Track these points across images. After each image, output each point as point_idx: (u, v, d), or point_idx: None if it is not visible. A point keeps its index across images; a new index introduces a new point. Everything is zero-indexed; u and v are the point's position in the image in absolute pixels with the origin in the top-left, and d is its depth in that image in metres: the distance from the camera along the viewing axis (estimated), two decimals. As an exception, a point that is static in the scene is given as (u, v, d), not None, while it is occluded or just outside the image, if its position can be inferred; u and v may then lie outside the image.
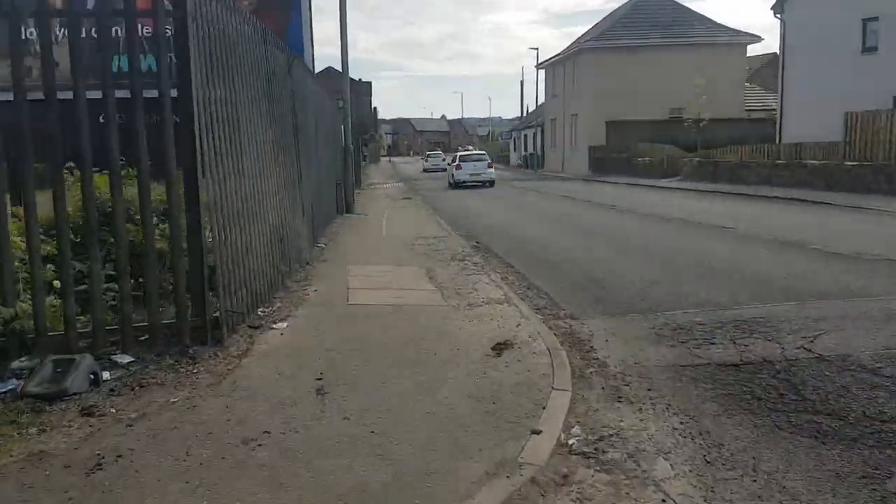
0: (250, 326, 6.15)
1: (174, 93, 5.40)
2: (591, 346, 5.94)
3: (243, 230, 6.45)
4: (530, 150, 59.85)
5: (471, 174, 33.21)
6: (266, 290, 7.12)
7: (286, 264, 8.23)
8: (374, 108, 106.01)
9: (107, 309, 5.46)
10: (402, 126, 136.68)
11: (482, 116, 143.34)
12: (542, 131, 55.41)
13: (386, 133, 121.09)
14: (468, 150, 42.41)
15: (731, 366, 5.37)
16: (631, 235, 13.30)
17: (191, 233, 5.47)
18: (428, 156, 61.24)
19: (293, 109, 9.67)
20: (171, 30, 5.45)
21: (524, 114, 72.05)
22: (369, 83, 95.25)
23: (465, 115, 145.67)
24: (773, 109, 45.87)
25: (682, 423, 4.34)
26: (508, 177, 44.32)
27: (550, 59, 51.00)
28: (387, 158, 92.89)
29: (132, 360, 5.13)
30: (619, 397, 4.75)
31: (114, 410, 4.33)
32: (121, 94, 5.31)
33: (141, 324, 5.38)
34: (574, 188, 29.77)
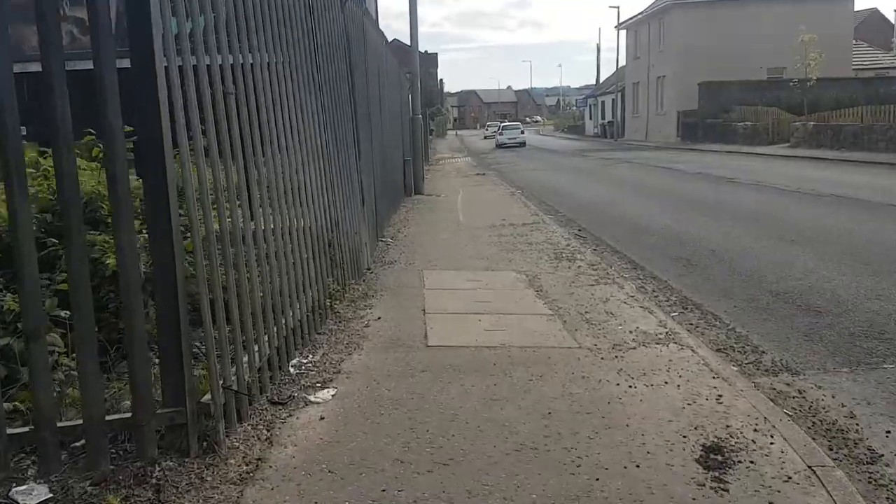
0: (273, 402, 3.75)
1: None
2: (873, 450, 3.28)
3: (261, 243, 4.06)
4: (608, 117, 56.05)
5: (509, 138, 46.20)
6: (305, 326, 4.74)
7: (338, 279, 5.83)
8: (441, 81, 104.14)
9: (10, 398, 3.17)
10: (467, 98, 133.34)
11: (549, 86, 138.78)
12: (622, 97, 51.50)
13: (452, 106, 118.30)
14: (508, 123, 57.08)
15: None
16: (785, 219, 10.33)
17: (157, 255, 3.09)
18: (487, 125, 76.38)
19: (349, 68, 7.24)
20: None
21: (599, 80, 67.81)
22: (435, 55, 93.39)
23: (533, 86, 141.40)
24: (886, 67, 40.88)
25: None
26: (587, 147, 41.01)
27: (633, 17, 47.00)
28: (453, 132, 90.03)
29: (48, 496, 2.82)
30: None
31: None
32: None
33: (73, 422, 3.06)
34: (669, 158, 26.44)
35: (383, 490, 2.86)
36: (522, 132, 48.50)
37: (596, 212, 12.47)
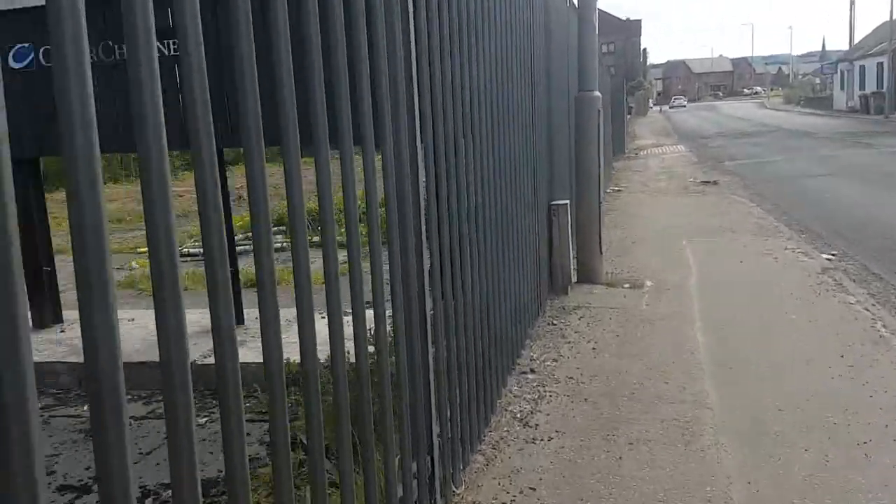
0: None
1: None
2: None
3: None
4: (869, 87, 42.20)
5: (678, 105, 79.22)
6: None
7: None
8: (644, 50, 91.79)
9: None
10: (674, 69, 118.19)
11: (768, 54, 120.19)
12: (894, 60, 37.68)
13: (655, 79, 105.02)
14: (677, 97, 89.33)
15: None
16: None
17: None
18: (674, 99, 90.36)
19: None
20: None
21: (853, 39, 52.76)
22: (639, 22, 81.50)
23: (749, 54, 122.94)
24: None
25: None
26: (854, 130, 28.15)
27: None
28: (657, 108, 77.52)
29: None
30: None
31: None
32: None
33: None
34: None
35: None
36: (685, 102, 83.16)
37: None
